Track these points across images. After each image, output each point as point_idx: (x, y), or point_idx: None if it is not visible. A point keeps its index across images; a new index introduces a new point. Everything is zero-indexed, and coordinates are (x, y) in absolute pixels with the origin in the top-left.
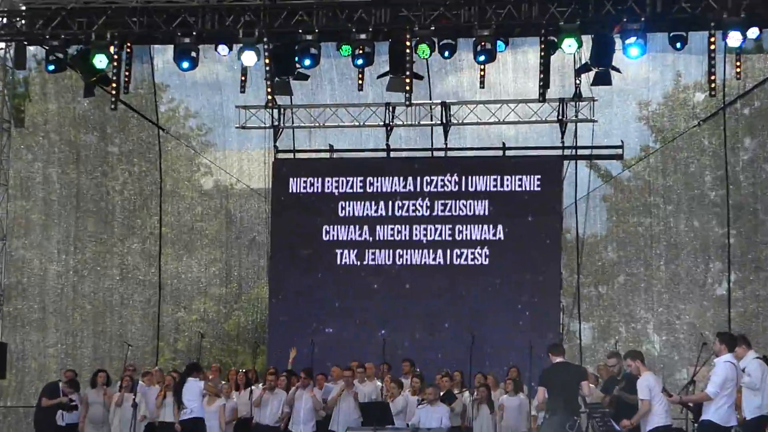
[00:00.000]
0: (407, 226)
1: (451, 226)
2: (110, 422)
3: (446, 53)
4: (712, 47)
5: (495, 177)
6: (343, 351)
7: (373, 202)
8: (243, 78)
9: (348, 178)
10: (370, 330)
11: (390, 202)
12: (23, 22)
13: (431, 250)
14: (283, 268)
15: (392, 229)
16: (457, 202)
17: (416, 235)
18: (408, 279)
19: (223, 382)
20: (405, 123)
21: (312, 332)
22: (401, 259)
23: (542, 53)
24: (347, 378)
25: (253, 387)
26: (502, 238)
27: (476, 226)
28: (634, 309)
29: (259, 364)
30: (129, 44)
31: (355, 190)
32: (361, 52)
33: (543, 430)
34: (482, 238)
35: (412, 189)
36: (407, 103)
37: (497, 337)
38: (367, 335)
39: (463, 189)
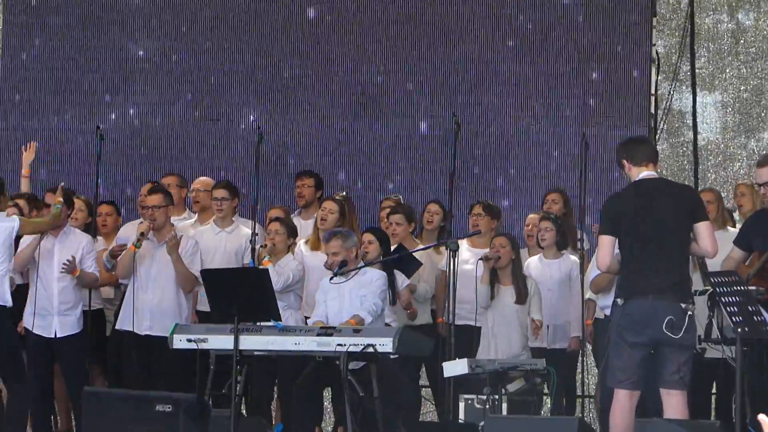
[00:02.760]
0: None
1: None
2: None
3: None
4: None
5: None
6: (161, 152)
7: None
8: None
9: None
10: (229, 109)
11: None
12: None
13: None
14: None
15: None
16: None
17: None
18: None
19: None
20: None
21: (93, 113)
22: None
23: None
24: (150, 213)
25: None
26: None
27: None
28: None
29: None
30: None
31: None
32: None
33: (612, 338)
34: None
35: None
36: None
37: (512, 128)
38: (224, 121)
39: None
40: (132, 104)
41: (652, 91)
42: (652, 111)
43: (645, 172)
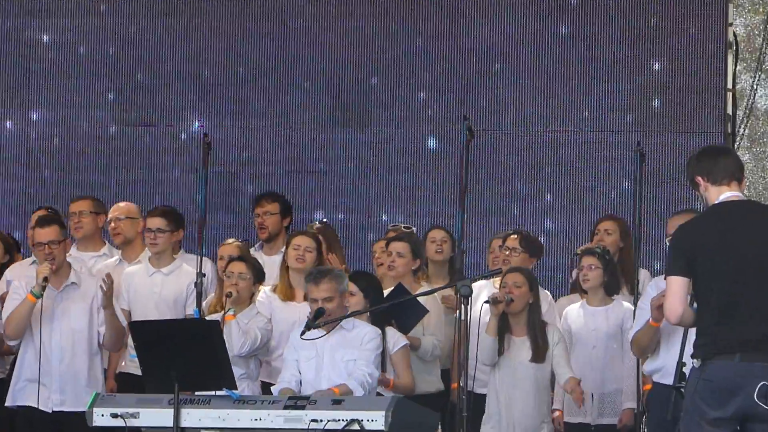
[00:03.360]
0: None
1: None
2: None
3: None
4: None
5: None
6: (72, 170)
7: None
8: None
9: None
10: (165, 113)
11: None
12: None
13: None
14: None
15: None
16: None
17: None
18: None
19: None
20: None
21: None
22: None
23: None
24: (47, 250)
25: None
26: None
27: None
28: None
29: None
30: None
31: None
32: None
33: (686, 411)
34: None
35: None
36: None
37: (545, 137)
38: (159, 128)
39: None
40: (34, 107)
41: (729, 86)
42: (729, 111)
43: (727, 193)
